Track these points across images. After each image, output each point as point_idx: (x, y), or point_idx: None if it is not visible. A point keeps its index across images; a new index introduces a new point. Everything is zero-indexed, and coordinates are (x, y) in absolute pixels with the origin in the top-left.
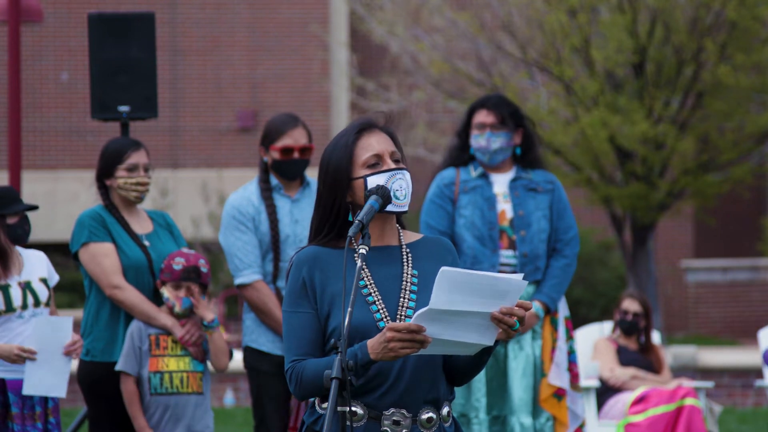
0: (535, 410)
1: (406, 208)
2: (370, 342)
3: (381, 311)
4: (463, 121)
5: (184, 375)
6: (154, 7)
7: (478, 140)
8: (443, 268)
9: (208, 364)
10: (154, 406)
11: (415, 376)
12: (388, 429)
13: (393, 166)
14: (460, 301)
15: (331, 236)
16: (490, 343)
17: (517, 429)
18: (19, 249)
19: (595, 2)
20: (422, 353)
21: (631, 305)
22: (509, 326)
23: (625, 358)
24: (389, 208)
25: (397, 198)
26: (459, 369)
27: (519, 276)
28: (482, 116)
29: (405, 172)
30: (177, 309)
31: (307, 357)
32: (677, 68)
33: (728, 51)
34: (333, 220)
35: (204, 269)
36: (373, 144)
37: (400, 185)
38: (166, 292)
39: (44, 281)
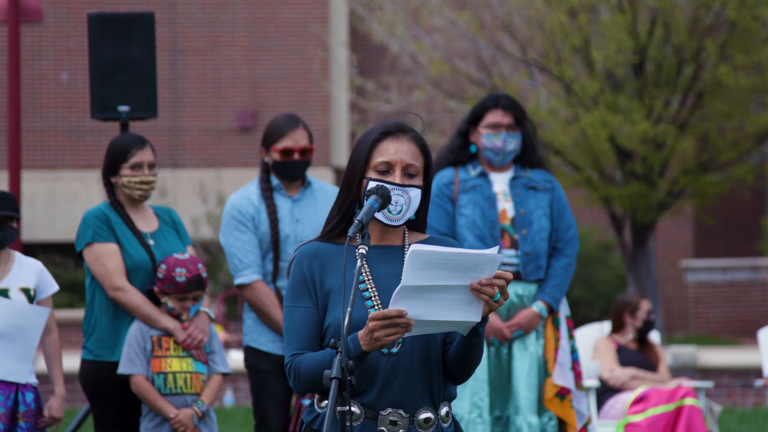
0: (540, 409)
1: (397, 224)
2: (359, 333)
3: (377, 308)
4: (466, 120)
5: (187, 376)
6: (154, 7)
7: (492, 140)
8: (413, 247)
9: (211, 366)
10: None
11: (409, 375)
12: (385, 429)
13: (398, 180)
14: (434, 276)
15: (337, 231)
16: (477, 319)
17: (524, 429)
18: (16, 254)
19: (595, 2)
20: (412, 334)
21: (649, 306)
22: (490, 297)
23: (624, 357)
24: (379, 216)
25: (389, 212)
26: (454, 363)
27: (494, 249)
28: (497, 116)
29: (411, 189)
30: (184, 317)
31: (306, 351)
32: (677, 68)
33: (728, 51)
34: (342, 214)
35: (204, 274)
36: (390, 151)
37: (396, 201)
38: (170, 302)
39: (26, 291)
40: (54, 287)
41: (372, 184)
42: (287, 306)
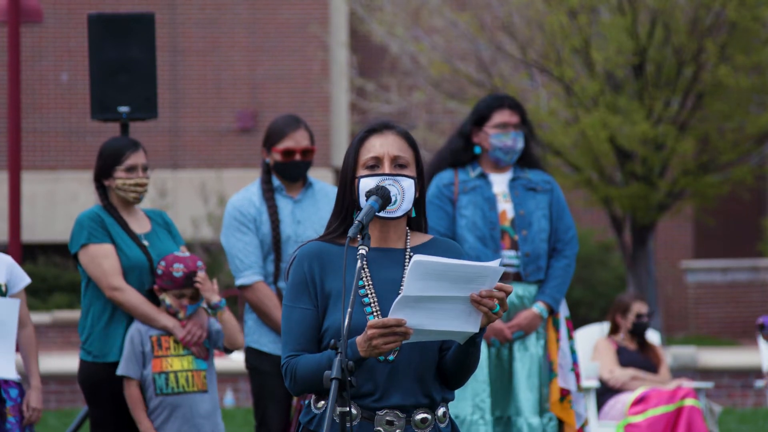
0: (541, 410)
1: (396, 215)
2: (357, 339)
3: (375, 313)
4: (469, 121)
5: (189, 374)
6: (154, 7)
7: (502, 140)
8: (415, 258)
9: (215, 360)
10: (161, 407)
11: (406, 381)
12: (382, 429)
13: (388, 170)
14: (435, 287)
15: (338, 232)
16: (475, 329)
17: (525, 429)
18: None
19: (595, 3)
20: (410, 342)
21: (642, 308)
22: (489, 308)
23: (624, 358)
24: (379, 213)
25: None
26: (450, 370)
27: (496, 262)
28: (506, 116)
29: (402, 179)
30: (181, 315)
31: (302, 353)
32: (677, 69)
33: (728, 51)
34: (343, 216)
35: (202, 272)
36: (376, 146)
37: (389, 191)
38: (168, 299)
39: None
40: (25, 280)
41: (371, 185)
42: (286, 305)
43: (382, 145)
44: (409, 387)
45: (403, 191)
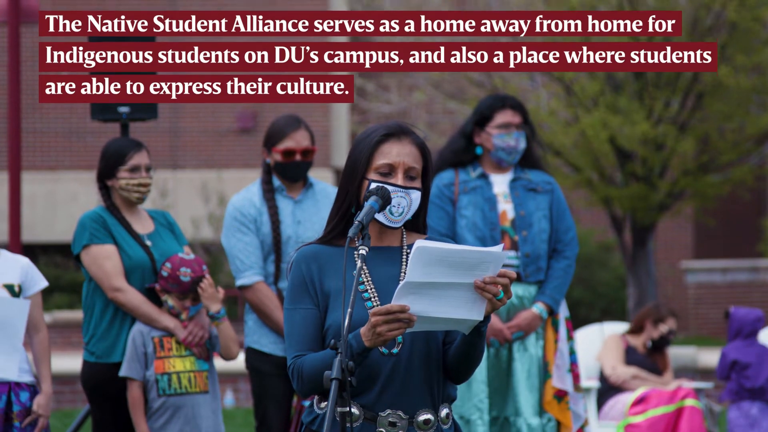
0: (540, 410)
1: (396, 226)
2: (362, 330)
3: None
4: (471, 122)
5: (191, 375)
6: (155, 6)
7: (505, 140)
8: (418, 243)
9: (215, 360)
10: (164, 408)
11: (409, 376)
12: (384, 430)
13: (400, 182)
14: (437, 273)
15: (336, 232)
16: (480, 317)
17: (524, 430)
18: (1, 252)
19: (595, 3)
20: (415, 330)
21: (674, 324)
22: (493, 295)
23: (631, 357)
24: (379, 217)
25: (391, 213)
26: (455, 363)
27: (498, 247)
28: (508, 116)
29: (412, 191)
30: (184, 317)
31: (308, 353)
32: None
33: (728, 52)
34: (341, 215)
35: (208, 280)
36: (393, 153)
37: (399, 203)
38: (171, 300)
39: (9, 287)
40: (42, 283)
41: (372, 185)
42: (288, 309)
43: (398, 154)
44: (412, 381)
45: (411, 203)
